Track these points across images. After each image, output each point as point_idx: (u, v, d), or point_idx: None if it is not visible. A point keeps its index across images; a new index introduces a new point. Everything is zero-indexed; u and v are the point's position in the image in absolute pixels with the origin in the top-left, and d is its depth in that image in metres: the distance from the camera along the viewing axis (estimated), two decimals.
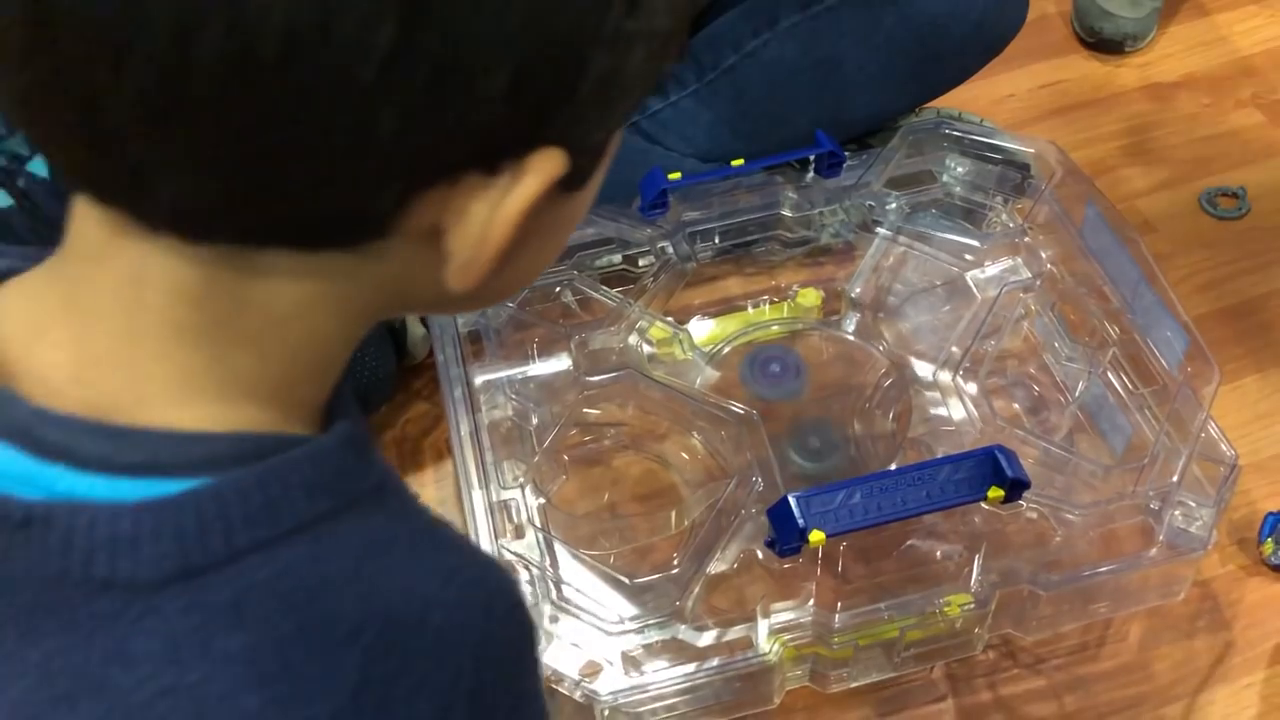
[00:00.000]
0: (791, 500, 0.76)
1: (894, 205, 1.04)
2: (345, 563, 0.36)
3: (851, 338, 1.00)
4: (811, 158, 1.05)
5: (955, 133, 1.08)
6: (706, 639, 0.79)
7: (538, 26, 0.34)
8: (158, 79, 0.32)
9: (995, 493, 0.78)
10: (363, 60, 0.32)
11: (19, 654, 0.36)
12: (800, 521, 0.76)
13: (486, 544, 0.83)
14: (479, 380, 0.94)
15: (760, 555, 0.82)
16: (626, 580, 0.81)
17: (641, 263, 1.04)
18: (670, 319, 0.99)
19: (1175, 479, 0.84)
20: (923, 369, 0.96)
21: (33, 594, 0.36)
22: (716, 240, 1.07)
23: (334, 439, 0.40)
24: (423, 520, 0.42)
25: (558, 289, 1.02)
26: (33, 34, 0.33)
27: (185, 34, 0.31)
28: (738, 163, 1.03)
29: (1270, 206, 1.21)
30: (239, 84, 0.32)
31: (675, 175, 1.01)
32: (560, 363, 0.95)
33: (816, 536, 0.76)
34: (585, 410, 0.94)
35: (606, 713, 0.78)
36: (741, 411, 0.90)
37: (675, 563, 0.82)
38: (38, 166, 0.96)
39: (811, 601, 0.81)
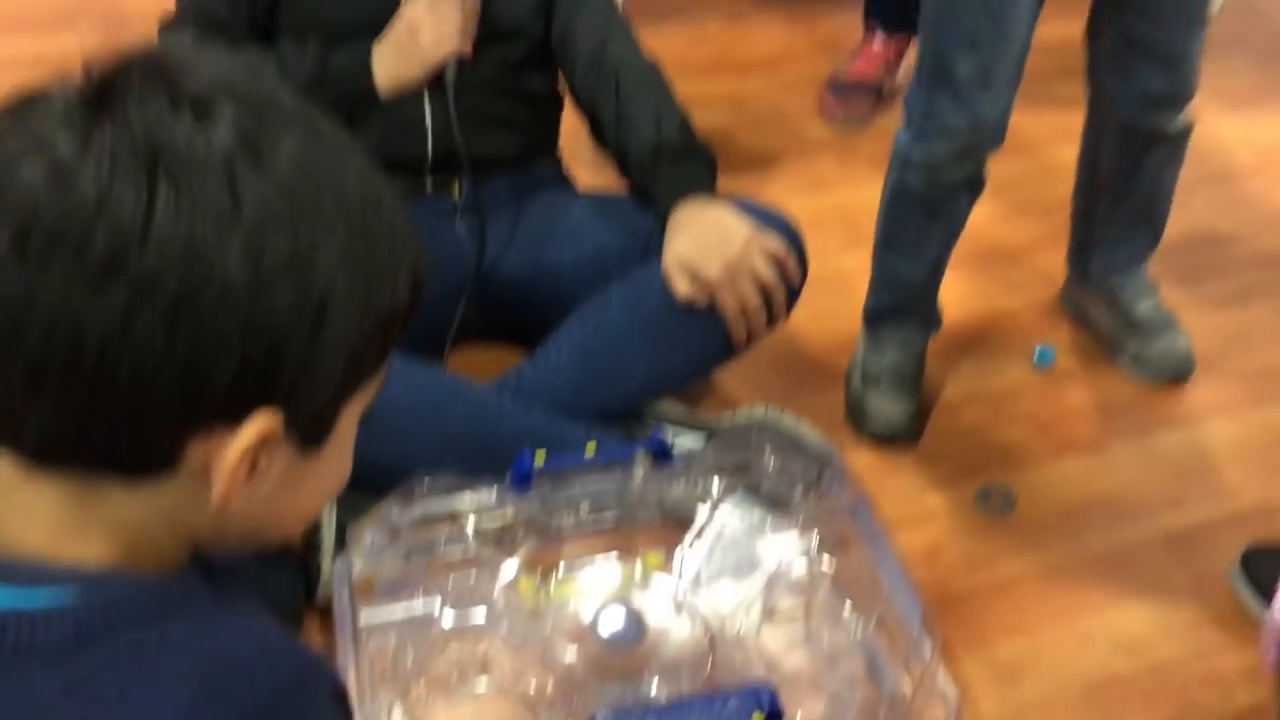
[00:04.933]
0: (598, 716, 0.99)
1: (716, 487, 1.32)
2: (191, 624, 0.57)
3: (671, 600, 1.25)
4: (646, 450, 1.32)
5: (768, 431, 1.37)
6: None
7: (251, 340, 0.53)
8: (24, 371, 0.53)
9: (758, 717, 1.01)
10: (145, 359, 0.52)
11: None
12: None
13: None
14: (364, 621, 1.17)
15: None
16: None
17: (513, 524, 1.29)
18: (537, 572, 1.23)
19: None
20: (725, 626, 1.20)
21: None
22: (579, 509, 1.33)
23: (178, 572, 0.60)
24: (263, 617, 0.62)
25: (443, 544, 1.26)
26: None
27: (41, 357, 0.52)
28: (590, 453, 1.30)
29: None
30: (71, 378, 0.52)
31: (540, 459, 1.27)
32: (434, 604, 1.18)
33: None
34: (453, 645, 1.17)
35: None
36: (574, 658, 1.13)
37: None
38: None
39: None
